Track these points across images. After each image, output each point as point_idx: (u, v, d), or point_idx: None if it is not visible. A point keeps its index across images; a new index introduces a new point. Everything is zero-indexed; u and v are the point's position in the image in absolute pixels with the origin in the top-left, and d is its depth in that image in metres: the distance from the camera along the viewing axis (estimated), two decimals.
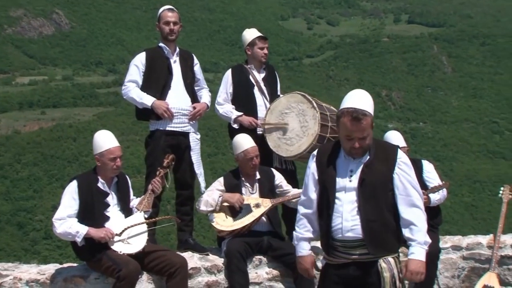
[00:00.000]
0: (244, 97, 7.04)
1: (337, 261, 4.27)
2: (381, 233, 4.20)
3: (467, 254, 6.46)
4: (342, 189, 4.23)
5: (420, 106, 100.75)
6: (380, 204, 4.21)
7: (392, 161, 4.27)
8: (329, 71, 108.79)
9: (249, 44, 7.15)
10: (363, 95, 4.36)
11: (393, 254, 4.28)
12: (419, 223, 4.25)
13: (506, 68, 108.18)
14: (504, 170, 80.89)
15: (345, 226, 4.19)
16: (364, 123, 4.16)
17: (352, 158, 4.27)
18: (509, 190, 6.62)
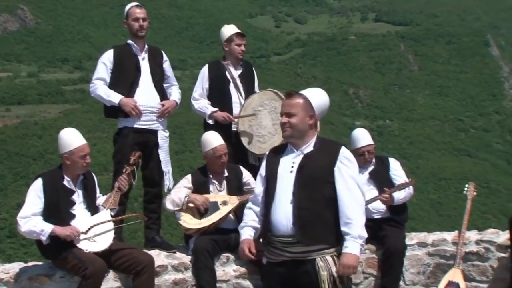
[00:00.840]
0: (220, 93, 7.05)
1: (276, 259, 4.30)
2: (313, 223, 4.23)
3: (432, 250, 6.51)
4: (283, 181, 4.31)
5: (387, 104, 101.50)
6: (315, 194, 4.26)
7: (335, 155, 4.36)
8: (297, 69, 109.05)
9: (226, 40, 7.15)
10: (317, 90, 4.59)
11: (331, 250, 4.30)
12: (356, 217, 4.29)
13: (471, 66, 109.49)
14: (469, 167, 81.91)
15: (281, 217, 4.25)
16: (294, 100, 4.36)
17: (296, 150, 4.37)
18: (473, 187, 6.69)
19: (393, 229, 6.41)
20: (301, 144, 4.37)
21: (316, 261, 4.24)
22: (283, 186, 4.30)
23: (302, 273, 4.27)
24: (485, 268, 6.35)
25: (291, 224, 4.23)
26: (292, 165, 4.33)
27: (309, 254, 4.24)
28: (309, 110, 4.38)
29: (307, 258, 4.25)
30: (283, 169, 4.33)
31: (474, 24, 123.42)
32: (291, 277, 4.29)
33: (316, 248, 4.25)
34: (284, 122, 4.32)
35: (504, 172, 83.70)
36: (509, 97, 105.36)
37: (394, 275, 6.33)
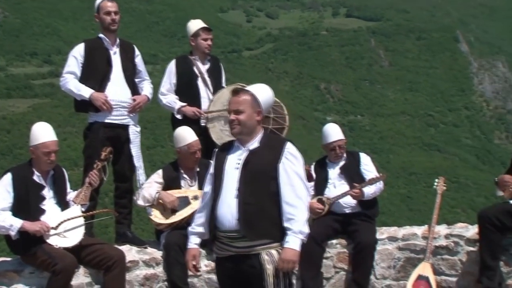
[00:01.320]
0: (188, 88, 7.03)
1: (223, 254, 4.34)
2: (258, 218, 4.25)
3: (402, 244, 6.56)
4: (229, 177, 4.34)
5: (358, 99, 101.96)
6: (260, 189, 4.29)
7: (279, 151, 4.36)
8: (268, 63, 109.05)
9: (193, 35, 7.13)
10: (262, 86, 4.55)
11: (276, 244, 4.32)
12: (298, 213, 4.32)
13: (440, 62, 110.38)
14: (439, 162, 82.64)
15: (226, 212, 4.28)
16: (241, 97, 4.35)
17: (243, 146, 4.39)
18: (443, 182, 6.75)
19: (364, 223, 6.45)
20: (248, 141, 4.39)
21: (261, 255, 4.28)
22: (228, 182, 4.33)
23: (248, 267, 4.30)
24: (454, 262, 6.42)
25: (236, 219, 4.25)
26: (238, 161, 4.35)
27: (254, 249, 4.27)
28: (256, 106, 4.40)
29: (252, 253, 4.28)
30: (229, 166, 4.35)
31: (444, 20, 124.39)
32: (238, 271, 4.33)
33: (261, 243, 4.28)
34: (233, 119, 4.33)
35: (473, 167, 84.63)
36: (478, 92, 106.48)
37: (364, 269, 6.38)
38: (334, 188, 6.56)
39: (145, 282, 6.00)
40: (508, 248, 6.19)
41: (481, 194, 70.54)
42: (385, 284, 6.58)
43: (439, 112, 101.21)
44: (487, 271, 6.02)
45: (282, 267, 4.29)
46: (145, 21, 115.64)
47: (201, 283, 6.19)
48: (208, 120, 6.93)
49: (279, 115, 6.83)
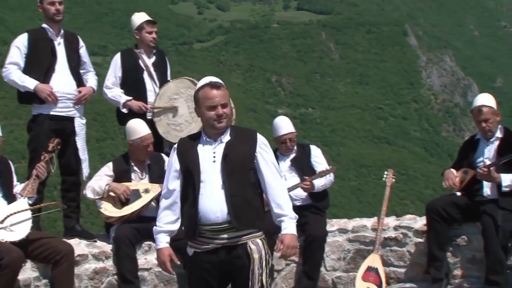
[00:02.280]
0: (133, 81, 6.96)
1: (205, 248, 4.29)
2: (245, 209, 4.26)
3: (352, 236, 6.62)
4: (207, 171, 4.28)
5: (309, 92, 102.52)
6: (242, 180, 4.29)
7: (253, 142, 4.39)
8: (220, 56, 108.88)
9: (137, 28, 7.05)
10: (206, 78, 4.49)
11: (260, 234, 4.36)
12: (287, 199, 4.43)
13: (390, 55, 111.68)
14: (388, 155, 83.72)
15: (212, 205, 4.23)
16: (224, 91, 4.33)
17: (214, 140, 4.34)
18: (392, 174, 6.84)
19: (314, 216, 6.48)
20: (217, 134, 4.36)
21: (247, 244, 4.28)
22: (209, 176, 4.27)
23: (235, 258, 4.28)
24: (403, 253, 6.51)
25: (226, 212, 4.22)
26: (214, 154, 4.30)
27: (240, 239, 4.27)
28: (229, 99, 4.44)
29: (239, 243, 4.28)
30: (204, 160, 4.31)
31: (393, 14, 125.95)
32: (223, 263, 4.29)
33: (246, 232, 4.28)
34: (222, 113, 4.29)
35: (421, 159, 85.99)
36: (426, 86, 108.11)
37: (315, 261, 6.42)
38: (285, 181, 6.55)
39: (95, 276, 5.93)
40: (454, 239, 6.29)
41: (429, 186, 71.73)
42: (335, 275, 6.64)
43: (389, 105, 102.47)
44: (435, 262, 6.12)
45: (287, 253, 4.38)
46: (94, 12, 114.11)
47: (152, 276, 6.15)
48: (154, 114, 6.88)
49: None
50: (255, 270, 4.27)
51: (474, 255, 6.22)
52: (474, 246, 6.22)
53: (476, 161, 6.20)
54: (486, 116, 6.10)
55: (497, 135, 6.16)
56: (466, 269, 6.29)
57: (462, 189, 6.22)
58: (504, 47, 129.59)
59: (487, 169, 5.83)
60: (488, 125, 6.10)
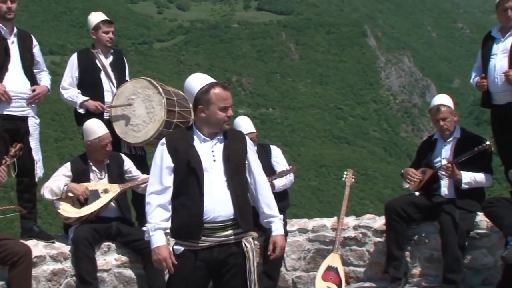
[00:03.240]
0: (90, 82, 6.90)
1: (202, 246, 4.25)
2: (246, 209, 4.33)
3: (312, 236, 6.65)
4: (208, 169, 4.25)
5: (269, 92, 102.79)
6: (242, 180, 4.35)
7: (244, 142, 4.44)
8: (180, 56, 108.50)
9: (93, 28, 7.00)
10: (203, 75, 4.51)
11: (251, 233, 4.39)
12: (273, 200, 4.50)
13: (349, 56, 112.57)
14: (348, 154, 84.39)
15: (218, 204, 4.22)
16: (230, 92, 4.34)
17: (210, 139, 4.32)
18: (351, 174, 6.88)
19: None
20: (214, 133, 4.34)
21: (243, 243, 4.31)
22: (212, 175, 4.25)
23: (230, 255, 4.29)
24: (362, 252, 6.56)
25: (231, 212, 4.24)
26: (213, 153, 4.29)
27: (238, 237, 4.29)
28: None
29: (234, 241, 4.30)
30: (204, 158, 4.27)
31: (352, 15, 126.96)
32: (216, 260, 4.28)
33: (242, 231, 4.31)
34: (229, 116, 4.32)
35: (381, 160, 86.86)
36: (385, 86, 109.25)
37: (275, 261, 6.41)
38: None
39: (53, 277, 5.86)
40: (413, 238, 6.36)
41: (388, 186, 72.53)
42: (295, 275, 6.66)
43: (348, 106, 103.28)
44: (393, 261, 6.18)
45: (280, 253, 4.48)
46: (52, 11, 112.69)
47: (111, 277, 6.10)
48: (112, 114, 6.83)
49: (185, 108, 6.78)
50: (251, 268, 4.32)
51: (432, 254, 6.30)
52: (432, 245, 6.29)
53: (434, 161, 6.28)
54: (444, 115, 6.19)
55: (454, 135, 6.25)
56: (424, 267, 6.36)
57: (420, 189, 6.29)
58: (461, 48, 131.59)
59: (451, 165, 5.90)
60: (446, 124, 6.18)
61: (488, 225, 6.03)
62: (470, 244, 6.08)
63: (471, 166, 5.95)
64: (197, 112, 4.32)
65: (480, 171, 6.02)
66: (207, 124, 4.31)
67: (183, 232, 4.27)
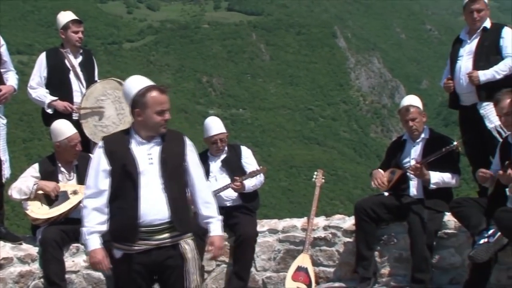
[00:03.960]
0: (59, 81, 6.86)
1: (139, 249, 4.25)
2: (184, 211, 4.34)
3: (282, 237, 6.66)
4: (146, 173, 4.26)
5: (239, 92, 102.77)
6: (180, 182, 4.36)
7: (183, 143, 4.44)
8: (150, 56, 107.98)
9: (63, 28, 6.95)
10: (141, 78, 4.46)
11: (190, 235, 4.40)
12: (213, 200, 4.50)
13: (319, 57, 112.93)
14: (318, 155, 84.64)
15: (153, 208, 4.23)
16: (167, 95, 4.33)
17: (147, 141, 4.32)
18: (321, 174, 6.91)
19: (245, 216, 6.50)
20: (151, 135, 4.32)
21: (181, 244, 4.31)
22: (148, 178, 4.25)
23: (168, 258, 4.29)
24: (332, 252, 6.58)
25: (167, 214, 4.24)
26: (150, 156, 4.28)
27: (175, 239, 4.29)
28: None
29: (174, 243, 4.30)
30: (141, 161, 4.27)
31: (322, 16, 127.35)
32: (155, 263, 4.29)
33: (179, 233, 4.31)
34: (166, 119, 4.33)
35: (350, 160, 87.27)
36: (355, 87, 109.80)
37: (245, 262, 6.43)
38: (216, 181, 6.57)
39: (20, 279, 5.81)
40: (382, 238, 6.40)
41: (358, 186, 72.88)
42: (266, 276, 6.66)
43: (319, 106, 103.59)
44: (363, 261, 6.22)
45: (218, 254, 4.52)
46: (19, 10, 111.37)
47: (80, 279, 6.06)
48: (80, 115, 6.78)
49: None
50: (190, 270, 4.31)
51: (401, 253, 6.35)
52: (400, 245, 6.34)
53: (403, 162, 6.33)
54: (413, 116, 6.24)
55: (423, 135, 6.31)
56: (393, 267, 6.41)
57: (389, 189, 6.34)
58: (429, 49, 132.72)
59: (420, 165, 5.95)
60: (415, 124, 6.24)
61: (456, 225, 6.09)
62: (438, 243, 6.14)
63: (439, 166, 6.01)
64: (134, 115, 4.33)
65: (448, 171, 6.09)
66: (144, 127, 4.32)
67: (120, 235, 4.29)
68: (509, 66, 6.30)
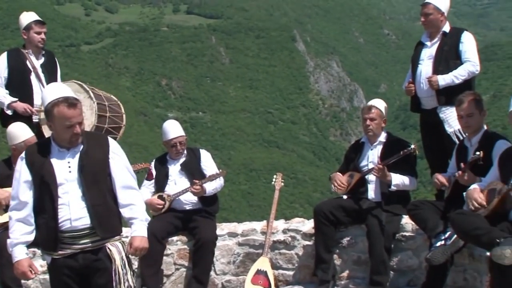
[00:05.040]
0: (20, 82, 6.78)
1: (64, 253, 4.28)
2: (107, 217, 4.32)
3: (242, 240, 6.66)
4: (65, 182, 4.26)
5: (199, 95, 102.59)
6: (102, 189, 4.33)
7: (106, 148, 4.40)
8: (108, 59, 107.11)
9: (25, 28, 6.87)
10: (63, 85, 4.50)
11: (118, 237, 4.42)
12: (138, 202, 4.45)
13: (279, 60, 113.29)
14: (278, 158, 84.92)
15: (73, 215, 4.23)
16: (79, 108, 4.26)
17: (67, 149, 4.30)
18: (281, 178, 6.93)
19: (204, 220, 6.48)
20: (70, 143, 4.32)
21: (107, 247, 4.33)
22: (68, 187, 4.25)
23: (95, 261, 4.31)
24: (291, 256, 6.59)
25: (88, 221, 4.25)
26: (69, 164, 4.28)
27: (100, 243, 4.31)
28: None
29: (99, 247, 4.32)
30: (60, 171, 4.25)
31: (282, 20, 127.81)
32: (83, 267, 4.31)
33: (107, 236, 4.33)
34: (79, 132, 4.29)
35: (310, 163, 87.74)
36: (314, 91, 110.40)
37: (205, 265, 6.41)
38: (175, 185, 6.55)
39: None
40: (341, 241, 6.44)
41: (318, 189, 73.31)
42: (225, 279, 6.65)
43: (278, 110, 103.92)
44: (322, 264, 6.24)
45: (135, 254, 4.42)
46: None
47: (36, 284, 5.99)
48: (41, 117, 6.69)
49: (116, 114, 6.72)
50: (118, 270, 4.33)
51: (360, 256, 6.39)
52: (359, 248, 6.38)
53: (361, 165, 6.37)
54: (373, 116, 6.28)
55: (380, 139, 6.36)
56: (352, 270, 6.44)
57: (348, 193, 6.38)
58: (387, 54, 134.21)
59: (383, 166, 5.99)
60: (372, 125, 6.28)
61: (413, 227, 6.15)
62: (396, 246, 6.19)
63: (397, 169, 6.07)
64: (49, 126, 4.34)
65: (406, 174, 6.15)
66: (57, 138, 4.33)
67: (43, 243, 4.36)
68: (468, 71, 6.40)
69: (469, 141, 5.75)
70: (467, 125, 5.67)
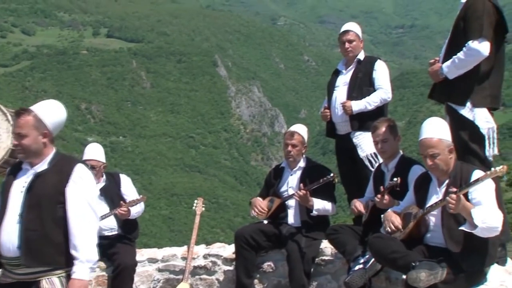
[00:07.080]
0: None
1: (4, 280, 4.14)
2: (41, 245, 4.08)
3: (162, 266, 6.59)
4: (14, 201, 4.13)
5: (120, 120, 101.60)
6: (44, 215, 4.10)
7: (68, 174, 4.18)
8: (25, 82, 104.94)
9: None
10: (50, 103, 4.44)
11: (59, 272, 4.15)
12: (85, 241, 4.14)
13: (200, 85, 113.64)
14: (199, 183, 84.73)
15: (6, 239, 4.08)
16: (23, 119, 4.14)
17: (30, 168, 4.19)
18: (202, 202, 6.91)
19: (124, 245, 6.39)
20: (37, 162, 4.17)
21: (41, 282, 4.08)
22: (12, 206, 4.10)
23: None
24: (212, 281, 6.56)
25: (16, 247, 4.04)
26: (24, 184, 4.13)
27: (35, 276, 4.08)
28: (42, 127, 4.18)
29: (33, 280, 4.08)
30: (15, 189, 4.13)
31: (203, 44, 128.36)
32: None
33: (42, 269, 4.08)
34: (16, 144, 4.10)
35: (231, 188, 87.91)
36: (236, 115, 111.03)
37: None
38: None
39: None
40: (261, 266, 6.45)
41: (239, 214, 73.43)
42: None
43: (200, 134, 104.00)
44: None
45: None
46: None
47: None
48: None
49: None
50: None
51: (280, 281, 6.40)
52: (279, 272, 6.40)
53: (281, 190, 6.42)
54: (296, 142, 6.35)
55: (300, 164, 6.43)
56: None
57: (268, 217, 6.41)
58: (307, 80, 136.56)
59: (306, 191, 6.04)
60: (294, 151, 6.34)
61: (333, 251, 6.21)
62: (316, 270, 6.24)
63: (317, 195, 6.14)
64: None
65: (325, 199, 6.23)
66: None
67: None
68: (380, 98, 6.57)
69: (386, 166, 5.88)
70: (382, 151, 5.81)
